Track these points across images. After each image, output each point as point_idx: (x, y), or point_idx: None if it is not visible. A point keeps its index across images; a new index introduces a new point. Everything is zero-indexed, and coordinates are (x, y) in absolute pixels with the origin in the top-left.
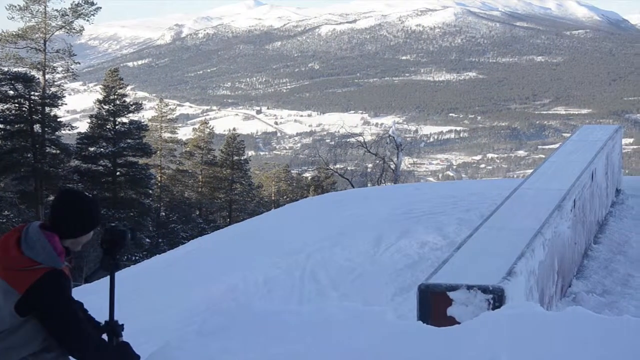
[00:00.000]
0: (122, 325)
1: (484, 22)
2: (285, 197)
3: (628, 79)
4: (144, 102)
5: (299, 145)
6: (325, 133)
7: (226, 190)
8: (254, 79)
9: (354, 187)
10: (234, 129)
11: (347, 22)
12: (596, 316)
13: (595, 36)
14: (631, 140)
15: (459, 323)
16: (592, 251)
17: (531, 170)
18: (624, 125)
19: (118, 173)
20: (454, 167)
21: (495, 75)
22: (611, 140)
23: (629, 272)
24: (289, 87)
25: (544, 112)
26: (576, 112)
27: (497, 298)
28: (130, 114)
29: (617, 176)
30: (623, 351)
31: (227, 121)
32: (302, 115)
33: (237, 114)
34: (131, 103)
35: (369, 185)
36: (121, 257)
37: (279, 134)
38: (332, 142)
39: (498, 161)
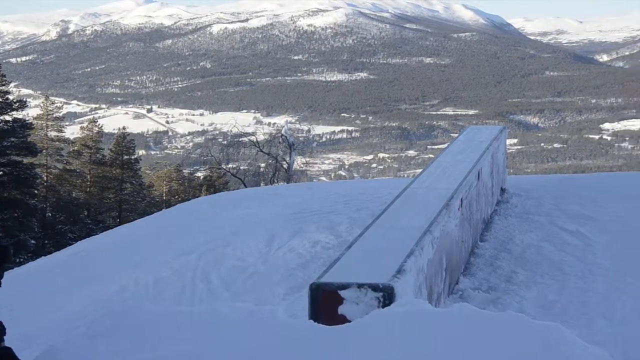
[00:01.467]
0: (5, 329)
1: (375, 23)
2: (176, 196)
3: (512, 81)
4: (28, 100)
5: (190, 144)
6: (217, 132)
7: (116, 190)
8: (145, 77)
9: (246, 187)
10: (124, 128)
11: (238, 21)
12: (481, 312)
13: (481, 39)
14: (515, 140)
15: (350, 321)
16: (479, 249)
17: (421, 170)
18: (508, 126)
19: (1, 173)
20: (346, 166)
21: (386, 75)
22: (496, 141)
23: (512, 269)
24: (180, 85)
25: (433, 113)
26: (463, 113)
27: (387, 296)
28: (14, 112)
29: (502, 175)
30: (505, 345)
31: (116, 120)
32: (194, 114)
33: (127, 113)
34: (15, 100)
35: (261, 184)
36: (2, 273)
37: (170, 133)
38: (225, 142)
39: (389, 161)
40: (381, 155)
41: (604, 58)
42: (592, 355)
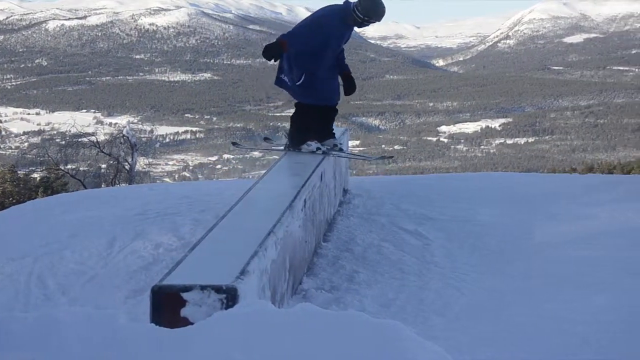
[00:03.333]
0: None
1: (218, 24)
2: (11, 198)
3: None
4: None
5: (26, 144)
6: (55, 132)
7: None
8: None
9: (86, 188)
10: None
11: (76, 18)
12: (323, 311)
13: None
14: (357, 142)
15: (192, 324)
16: (322, 249)
17: (265, 171)
18: (350, 127)
19: None
20: (190, 167)
21: (230, 76)
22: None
23: (354, 269)
24: (14, 83)
25: (277, 114)
26: None
27: (230, 297)
28: None
29: (344, 176)
30: (345, 342)
31: None
32: (29, 114)
33: None
34: None
35: (102, 186)
36: None
37: (3, 133)
38: (63, 142)
39: (234, 162)
40: (226, 156)
41: (440, 63)
42: (427, 350)
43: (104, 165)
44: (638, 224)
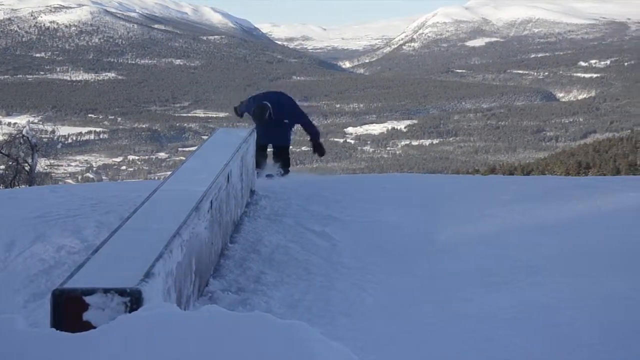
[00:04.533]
0: None
1: (122, 22)
2: None
3: (261, 84)
4: None
5: None
6: None
7: None
8: None
9: None
10: None
11: None
12: (229, 313)
13: (230, 42)
14: None
15: (95, 328)
16: (228, 250)
17: (170, 172)
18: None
19: None
20: (94, 168)
21: (135, 76)
22: (246, 143)
23: (261, 270)
24: None
25: (184, 115)
26: (214, 116)
27: (134, 300)
28: None
29: (251, 178)
30: (252, 344)
31: None
32: None
33: None
34: None
35: (1, 187)
36: None
37: None
38: None
39: (139, 163)
40: (131, 157)
41: (347, 65)
42: (333, 350)
43: (2, 166)
44: (536, 224)
